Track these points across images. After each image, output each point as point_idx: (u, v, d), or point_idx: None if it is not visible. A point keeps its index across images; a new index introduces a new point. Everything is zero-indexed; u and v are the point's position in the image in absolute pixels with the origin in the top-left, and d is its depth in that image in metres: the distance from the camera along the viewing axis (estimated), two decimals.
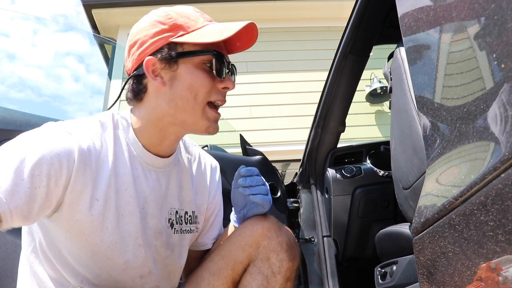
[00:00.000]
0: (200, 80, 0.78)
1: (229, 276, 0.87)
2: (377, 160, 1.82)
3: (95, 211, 0.74)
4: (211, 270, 0.89)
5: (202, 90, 0.78)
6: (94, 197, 0.74)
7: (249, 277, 0.86)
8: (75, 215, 0.73)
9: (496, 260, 0.43)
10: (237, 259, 0.87)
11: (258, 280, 0.85)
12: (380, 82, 4.29)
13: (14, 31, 2.95)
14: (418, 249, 0.62)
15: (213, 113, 0.81)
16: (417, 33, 0.71)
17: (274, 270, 0.85)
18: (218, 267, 0.88)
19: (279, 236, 0.87)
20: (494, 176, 0.43)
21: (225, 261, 0.88)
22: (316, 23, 4.89)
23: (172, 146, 0.88)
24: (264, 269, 0.85)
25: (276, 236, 0.87)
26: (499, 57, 0.45)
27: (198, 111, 0.79)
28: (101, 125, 0.79)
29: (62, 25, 8.91)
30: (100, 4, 4.58)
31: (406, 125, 0.93)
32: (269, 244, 0.86)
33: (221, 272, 0.87)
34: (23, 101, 4.76)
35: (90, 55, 5.11)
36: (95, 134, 0.77)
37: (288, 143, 4.15)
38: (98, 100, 3.85)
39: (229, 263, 0.87)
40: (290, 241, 0.89)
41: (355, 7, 1.35)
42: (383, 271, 1.27)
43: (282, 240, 0.87)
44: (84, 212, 0.73)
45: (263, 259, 0.86)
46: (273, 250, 0.86)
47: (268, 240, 0.86)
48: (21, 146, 0.67)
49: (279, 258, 0.85)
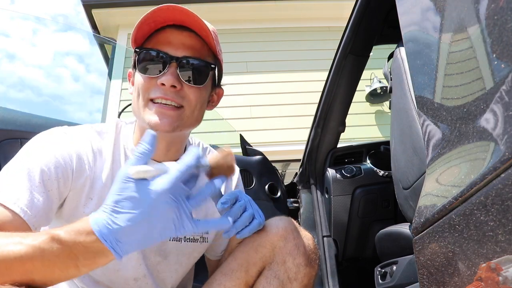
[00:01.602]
0: (138, 80, 0.80)
1: (242, 278, 0.83)
2: (377, 160, 1.82)
3: (87, 209, 0.77)
4: (223, 271, 0.85)
5: (141, 89, 0.79)
6: (89, 196, 0.78)
7: (264, 281, 0.81)
8: (72, 211, 0.77)
9: (496, 260, 0.43)
10: (250, 261, 0.83)
11: (273, 285, 0.80)
12: (380, 82, 4.29)
13: (14, 31, 2.96)
14: (418, 249, 0.62)
15: (155, 106, 0.77)
16: (417, 33, 0.71)
17: (290, 276, 0.80)
18: (230, 268, 0.84)
19: (296, 238, 0.82)
20: (494, 176, 0.43)
21: (237, 262, 0.84)
22: (316, 23, 4.89)
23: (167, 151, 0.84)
24: (280, 274, 0.80)
25: (293, 238, 0.82)
26: (499, 57, 0.45)
27: (141, 109, 0.79)
28: (97, 133, 0.84)
29: (62, 25, 8.90)
30: (100, 4, 4.58)
31: (406, 125, 0.93)
32: (285, 246, 0.81)
33: (233, 273, 0.83)
34: (23, 101, 4.78)
35: (90, 55, 5.12)
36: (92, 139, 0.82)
37: (288, 143, 4.15)
38: (98, 100, 3.85)
39: (242, 264, 0.83)
40: (309, 245, 0.84)
41: (355, 7, 1.35)
42: (383, 271, 1.27)
43: (299, 243, 0.82)
44: (79, 209, 0.77)
45: (279, 262, 0.81)
46: (290, 253, 0.81)
47: (284, 241, 0.81)
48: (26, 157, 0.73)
49: (295, 262, 0.80)
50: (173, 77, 0.76)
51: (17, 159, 0.73)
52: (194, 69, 0.78)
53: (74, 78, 9.24)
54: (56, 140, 0.77)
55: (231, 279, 0.83)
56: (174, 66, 0.77)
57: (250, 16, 4.82)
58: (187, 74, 0.78)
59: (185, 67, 0.77)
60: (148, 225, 0.58)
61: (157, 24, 0.79)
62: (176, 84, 0.76)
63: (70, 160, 0.75)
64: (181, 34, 0.79)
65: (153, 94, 0.77)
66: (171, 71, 0.76)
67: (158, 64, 0.77)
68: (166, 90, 0.76)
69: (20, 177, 0.68)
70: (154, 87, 0.77)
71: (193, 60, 0.78)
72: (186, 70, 0.78)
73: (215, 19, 0.86)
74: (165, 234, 0.60)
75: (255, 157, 1.84)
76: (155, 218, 0.58)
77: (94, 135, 0.83)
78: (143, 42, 0.81)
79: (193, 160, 0.61)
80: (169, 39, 0.79)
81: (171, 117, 0.77)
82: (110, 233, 0.56)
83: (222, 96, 0.93)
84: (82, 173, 0.77)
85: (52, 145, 0.76)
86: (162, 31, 0.80)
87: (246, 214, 0.74)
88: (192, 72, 0.78)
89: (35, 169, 0.70)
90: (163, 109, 0.76)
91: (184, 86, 0.78)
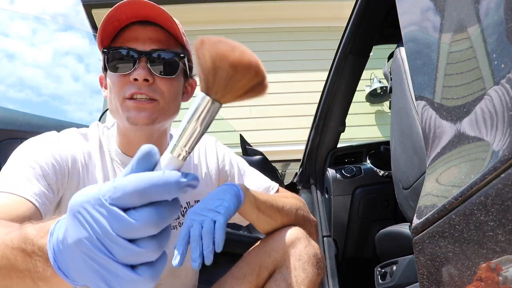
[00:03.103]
0: (111, 80, 0.81)
1: (253, 282, 0.84)
2: (377, 160, 1.82)
3: None
4: (235, 275, 0.86)
5: (115, 89, 0.80)
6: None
7: (274, 284, 0.83)
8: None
9: (496, 260, 0.43)
10: (263, 264, 0.84)
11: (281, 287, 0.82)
12: (380, 82, 4.29)
13: (13, 30, 2.95)
14: (418, 249, 0.62)
15: (131, 102, 0.78)
16: (417, 33, 0.71)
17: (298, 280, 0.82)
18: (242, 273, 0.85)
19: (307, 246, 0.85)
20: (494, 176, 0.43)
21: (250, 267, 0.85)
22: (316, 23, 4.88)
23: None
24: (288, 277, 0.82)
25: (304, 246, 0.84)
26: (499, 57, 0.45)
27: (119, 108, 0.80)
28: (83, 136, 0.87)
29: (61, 24, 8.85)
30: (100, 4, 4.58)
31: (406, 125, 0.93)
32: (296, 252, 0.83)
33: (245, 277, 0.84)
34: (23, 100, 4.75)
35: (89, 55, 5.11)
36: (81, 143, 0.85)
37: (288, 143, 4.15)
38: (98, 100, 3.85)
39: (254, 268, 0.85)
40: (316, 254, 0.86)
41: (355, 7, 1.35)
42: (383, 271, 1.27)
43: (309, 252, 0.84)
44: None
45: (289, 266, 0.83)
46: (300, 259, 0.83)
47: (295, 248, 0.84)
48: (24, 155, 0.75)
49: (304, 268, 0.83)
50: (145, 70, 0.78)
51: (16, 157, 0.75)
52: (163, 61, 0.80)
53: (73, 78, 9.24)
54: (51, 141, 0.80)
55: (243, 283, 0.84)
56: (144, 60, 0.78)
57: (250, 16, 4.81)
58: (157, 67, 0.80)
59: (155, 60, 0.79)
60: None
61: (121, 22, 0.80)
62: (149, 77, 0.78)
63: (66, 159, 0.78)
64: (146, 29, 0.81)
65: (128, 92, 0.78)
66: (142, 65, 0.78)
67: (128, 61, 0.79)
68: (139, 84, 0.78)
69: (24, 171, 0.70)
70: (127, 85, 0.79)
71: (161, 52, 0.80)
72: (156, 63, 0.79)
73: (215, 19, 0.86)
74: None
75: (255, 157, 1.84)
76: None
77: (81, 139, 0.86)
78: (110, 42, 0.82)
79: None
80: (135, 35, 0.80)
81: (148, 110, 0.78)
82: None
83: (195, 87, 0.94)
84: (76, 174, 0.80)
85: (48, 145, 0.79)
86: (127, 29, 0.81)
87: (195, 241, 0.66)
88: (162, 64, 0.80)
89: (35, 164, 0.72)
90: (139, 104, 0.78)
91: (156, 79, 0.80)
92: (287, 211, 0.89)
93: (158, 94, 0.80)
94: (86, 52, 4.80)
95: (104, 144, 0.88)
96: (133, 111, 0.78)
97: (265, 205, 0.83)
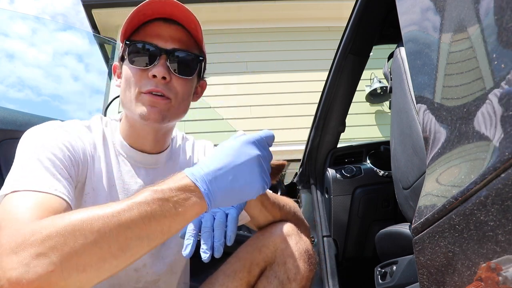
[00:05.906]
0: (128, 72, 0.81)
1: (244, 278, 0.84)
2: (377, 160, 1.82)
3: (85, 203, 0.80)
4: (226, 272, 0.86)
5: (132, 82, 0.80)
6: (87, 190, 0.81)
7: (265, 281, 0.83)
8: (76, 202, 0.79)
9: (496, 260, 0.43)
10: (254, 261, 0.84)
11: (273, 284, 0.82)
12: (380, 82, 4.29)
13: (13, 30, 2.95)
14: (418, 249, 0.62)
15: (147, 96, 0.79)
16: (417, 33, 0.71)
17: (290, 276, 0.82)
18: (233, 269, 0.85)
19: (298, 242, 0.85)
20: (494, 176, 0.43)
21: (241, 263, 0.85)
22: (316, 23, 4.89)
23: (156, 142, 0.88)
24: (280, 274, 0.82)
25: (296, 242, 0.84)
26: (499, 57, 0.45)
27: (133, 101, 0.81)
28: (87, 128, 0.86)
29: (61, 24, 8.84)
30: (100, 4, 4.58)
31: (406, 125, 0.93)
32: (287, 248, 0.83)
33: (236, 274, 0.84)
34: (23, 100, 4.74)
35: (89, 55, 5.11)
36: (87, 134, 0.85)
37: (288, 143, 4.15)
38: (98, 100, 3.85)
39: (245, 264, 0.85)
40: (308, 250, 0.86)
41: (355, 7, 1.35)
42: (383, 271, 1.27)
43: (300, 248, 0.84)
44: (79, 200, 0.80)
45: (280, 263, 0.83)
46: (291, 255, 0.83)
47: (286, 244, 0.84)
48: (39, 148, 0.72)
49: (295, 264, 0.83)
50: (164, 68, 0.79)
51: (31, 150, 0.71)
52: (183, 62, 0.81)
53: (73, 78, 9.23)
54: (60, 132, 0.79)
55: (234, 280, 0.84)
56: (164, 58, 0.79)
57: (250, 16, 4.82)
58: (176, 66, 0.80)
59: (174, 59, 0.80)
60: (233, 173, 0.62)
61: (146, 17, 0.80)
62: (166, 75, 0.79)
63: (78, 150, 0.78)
64: (169, 27, 0.81)
65: (144, 87, 0.79)
66: (161, 63, 0.79)
67: (148, 57, 0.79)
68: (157, 82, 0.79)
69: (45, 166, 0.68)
70: (144, 80, 0.79)
71: (182, 53, 0.81)
72: (175, 63, 0.80)
73: (215, 19, 0.87)
74: (252, 187, 0.65)
75: None
76: (240, 168, 0.63)
77: (86, 130, 0.86)
78: (131, 34, 0.82)
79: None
80: (158, 31, 0.81)
81: (160, 106, 0.79)
82: (200, 175, 0.60)
83: (205, 88, 0.96)
84: (85, 165, 0.80)
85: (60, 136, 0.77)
86: (150, 24, 0.81)
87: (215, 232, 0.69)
88: (181, 64, 0.81)
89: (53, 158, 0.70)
90: (154, 99, 0.79)
91: (173, 78, 0.81)
92: (287, 210, 0.90)
93: (173, 93, 0.81)
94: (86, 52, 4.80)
95: (108, 136, 0.88)
96: (147, 105, 0.79)
97: (268, 201, 0.85)
